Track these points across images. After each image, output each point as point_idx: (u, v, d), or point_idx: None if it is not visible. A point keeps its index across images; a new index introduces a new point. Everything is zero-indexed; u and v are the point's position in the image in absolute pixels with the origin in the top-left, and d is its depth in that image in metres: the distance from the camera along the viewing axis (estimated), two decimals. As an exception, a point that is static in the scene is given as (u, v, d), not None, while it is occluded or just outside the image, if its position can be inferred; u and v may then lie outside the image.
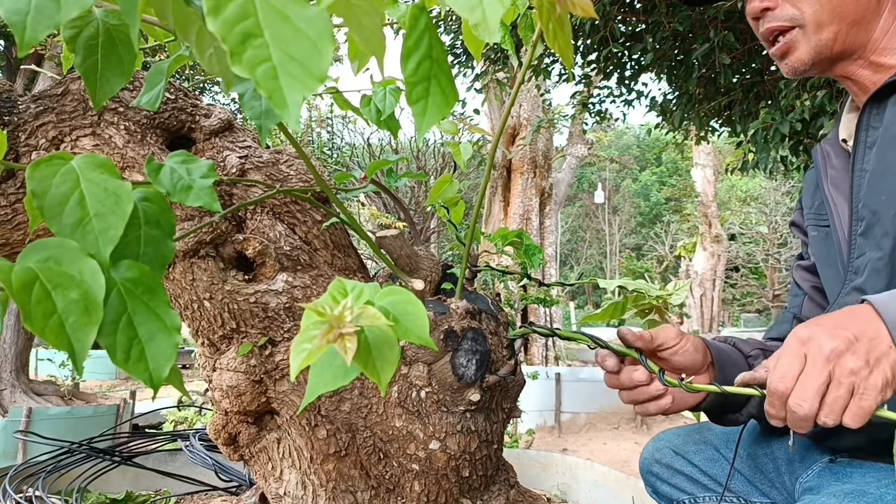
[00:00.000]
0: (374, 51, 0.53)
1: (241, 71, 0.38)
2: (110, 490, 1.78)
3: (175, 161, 0.73)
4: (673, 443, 1.17)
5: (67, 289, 0.45)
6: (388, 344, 0.50)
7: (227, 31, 0.38)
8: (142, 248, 0.58)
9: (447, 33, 4.44)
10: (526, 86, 7.19)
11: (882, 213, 0.88)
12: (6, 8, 0.44)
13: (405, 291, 0.56)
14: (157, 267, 0.58)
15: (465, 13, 0.48)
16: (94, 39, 0.60)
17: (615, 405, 5.86)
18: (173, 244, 0.61)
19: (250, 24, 0.39)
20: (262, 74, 0.39)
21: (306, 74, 0.40)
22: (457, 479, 1.10)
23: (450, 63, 3.72)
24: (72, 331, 0.45)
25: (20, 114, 1.13)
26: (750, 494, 1.07)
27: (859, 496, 0.70)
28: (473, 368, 1.06)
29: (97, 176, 0.52)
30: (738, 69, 3.72)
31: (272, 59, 0.39)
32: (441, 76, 0.59)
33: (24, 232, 1.13)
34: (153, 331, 0.51)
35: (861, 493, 0.70)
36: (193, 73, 5.04)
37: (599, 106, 4.88)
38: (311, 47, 0.40)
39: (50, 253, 0.47)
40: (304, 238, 1.21)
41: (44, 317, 0.44)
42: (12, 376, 4.53)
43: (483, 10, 0.48)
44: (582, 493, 1.90)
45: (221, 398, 1.14)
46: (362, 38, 0.51)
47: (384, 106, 1.17)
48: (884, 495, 0.69)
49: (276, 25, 0.39)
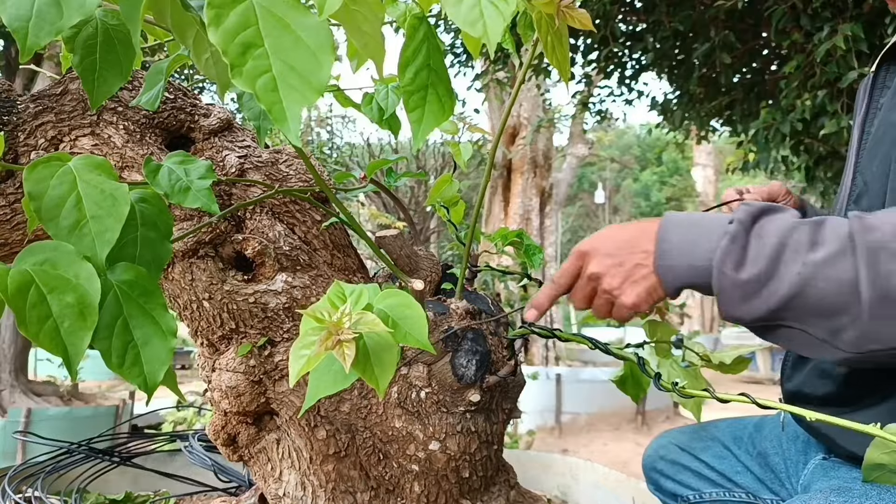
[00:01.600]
0: (373, 55, 0.53)
1: (241, 84, 0.38)
2: (110, 490, 1.78)
3: (173, 161, 0.73)
4: (679, 440, 1.17)
5: (63, 293, 0.45)
6: (386, 349, 0.50)
7: (228, 42, 0.38)
8: (138, 250, 0.58)
9: (447, 32, 4.44)
10: (526, 85, 7.19)
11: (871, 184, 0.87)
12: (9, 14, 0.44)
13: (404, 294, 0.56)
14: (153, 269, 0.58)
15: (467, 27, 0.49)
16: (93, 39, 0.60)
17: (616, 406, 5.86)
18: (170, 246, 0.60)
19: (251, 33, 0.39)
20: (262, 87, 0.39)
21: (306, 86, 0.39)
22: (457, 479, 1.10)
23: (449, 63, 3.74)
24: (66, 335, 0.44)
25: (19, 113, 1.12)
26: (759, 491, 1.07)
27: (845, 493, 0.71)
28: (473, 369, 1.06)
29: (94, 178, 0.52)
30: (738, 69, 3.72)
31: (272, 69, 0.39)
32: (439, 85, 0.59)
33: (23, 232, 1.13)
34: (149, 334, 0.51)
35: (846, 490, 0.71)
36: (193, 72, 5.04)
37: (600, 105, 4.88)
38: (310, 57, 0.40)
39: (46, 256, 0.46)
40: (304, 238, 1.21)
41: (38, 321, 0.44)
42: (11, 377, 4.53)
43: (485, 23, 0.49)
44: (582, 494, 1.90)
45: (220, 399, 1.13)
46: (362, 42, 0.51)
47: (386, 105, 1.16)
48: (868, 491, 0.69)
49: (277, 34, 0.39)
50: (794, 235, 0.72)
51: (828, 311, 0.69)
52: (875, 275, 0.66)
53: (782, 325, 0.73)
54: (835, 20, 2.91)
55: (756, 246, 0.73)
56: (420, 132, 0.58)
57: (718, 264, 0.73)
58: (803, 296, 0.69)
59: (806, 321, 0.71)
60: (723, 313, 0.77)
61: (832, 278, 0.68)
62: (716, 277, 0.74)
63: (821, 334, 0.70)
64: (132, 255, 0.58)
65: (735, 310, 0.74)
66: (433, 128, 0.59)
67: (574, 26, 0.68)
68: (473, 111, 6.82)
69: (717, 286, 0.74)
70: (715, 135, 4.64)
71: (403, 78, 0.58)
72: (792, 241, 0.72)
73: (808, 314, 0.70)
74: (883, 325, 0.67)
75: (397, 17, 1.03)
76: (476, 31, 0.49)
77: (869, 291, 0.66)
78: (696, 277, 0.76)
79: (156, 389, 0.51)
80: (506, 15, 0.49)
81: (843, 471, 0.88)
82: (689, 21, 3.37)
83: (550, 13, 0.66)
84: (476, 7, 0.49)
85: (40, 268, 0.46)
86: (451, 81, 0.62)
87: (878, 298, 0.66)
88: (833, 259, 0.69)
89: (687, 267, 0.77)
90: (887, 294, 0.66)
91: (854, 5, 2.92)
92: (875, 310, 0.66)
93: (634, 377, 1.14)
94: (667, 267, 0.78)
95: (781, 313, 0.71)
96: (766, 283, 0.71)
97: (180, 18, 0.54)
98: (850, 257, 0.68)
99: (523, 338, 1.15)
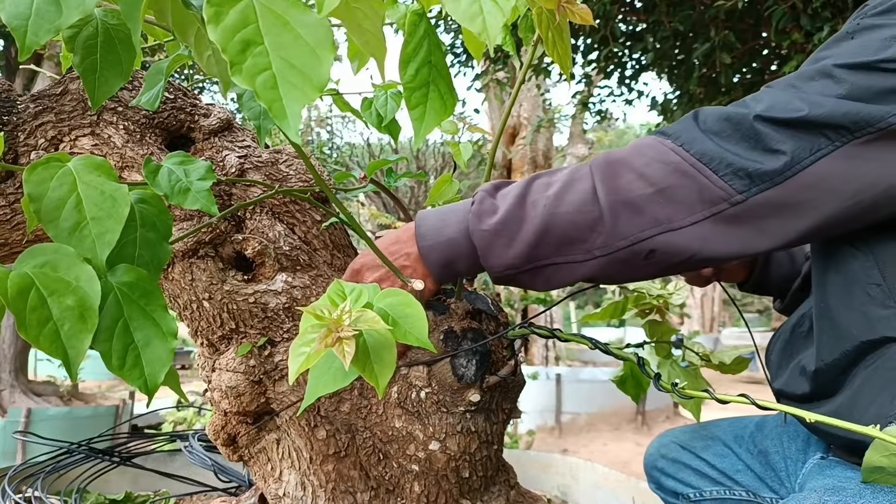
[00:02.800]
0: (375, 53, 0.52)
1: (241, 81, 0.38)
2: (110, 490, 1.78)
3: (173, 162, 0.73)
4: (680, 439, 1.18)
5: (63, 295, 0.45)
6: (386, 347, 0.50)
7: (228, 40, 0.38)
8: (137, 251, 0.58)
9: (447, 32, 4.44)
10: (526, 85, 7.19)
11: None
12: (7, 13, 0.44)
13: (404, 293, 0.56)
14: (153, 270, 0.58)
15: (466, 23, 0.49)
16: (93, 39, 0.60)
17: (616, 406, 5.86)
18: (170, 247, 0.60)
19: (251, 30, 0.39)
20: (262, 84, 0.38)
21: (306, 83, 0.39)
22: (457, 479, 1.10)
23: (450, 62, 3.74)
24: (66, 338, 0.44)
25: (19, 113, 1.12)
26: (759, 490, 1.07)
27: (839, 492, 0.71)
28: (473, 369, 1.06)
29: (94, 179, 0.52)
30: (738, 69, 3.72)
31: (272, 66, 0.39)
32: (440, 81, 0.59)
33: (23, 232, 1.13)
34: (149, 336, 0.51)
35: (840, 489, 0.71)
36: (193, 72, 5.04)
37: (600, 105, 4.87)
38: (310, 55, 0.40)
39: (46, 258, 0.46)
40: (304, 238, 1.21)
41: (39, 325, 0.44)
42: (11, 377, 4.53)
43: (484, 19, 0.48)
44: (582, 494, 1.90)
45: (220, 399, 1.13)
46: (362, 40, 0.50)
47: (385, 111, 1.17)
48: (862, 490, 0.70)
49: (277, 31, 0.39)
50: (534, 183, 0.81)
51: (581, 229, 0.77)
52: (612, 183, 0.76)
53: (548, 265, 0.80)
54: (835, 20, 2.92)
55: (502, 202, 0.80)
56: (422, 129, 0.58)
57: (472, 225, 0.81)
58: (554, 225, 0.77)
59: (565, 250, 0.78)
60: (492, 271, 0.83)
61: (574, 200, 0.77)
62: (475, 237, 0.81)
63: (581, 256, 0.78)
64: (131, 255, 0.58)
65: (499, 258, 0.81)
66: (435, 125, 0.59)
67: (575, 21, 0.68)
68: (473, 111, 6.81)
69: (479, 245, 0.81)
70: (715, 135, 4.63)
71: (405, 75, 0.58)
72: (533, 187, 0.80)
73: (564, 242, 0.78)
74: (622, 220, 0.75)
75: (397, 19, 1.04)
76: (475, 26, 0.49)
77: (606, 195, 0.75)
78: (456, 247, 0.83)
79: (156, 391, 0.51)
80: (505, 10, 0.49)
81: (839, 470, 0.88)
82: (689, 21, 3.37)
83: (551, 9, 0.66)
84: (476, 2, 0.49)
85: (40, 270, 0.46)
86: (451, 78, 0.62)
87: (615, 200, 0.75)
88: (571, 184, 0.78)
89: (446, 241, 0.83)
90: (619, 195, 0.75)
91: (854, 5, 2.92)
92: (614, 209, 0.75)
93: (634, 377, 1.14)
94: (427, 248, 0.85)
95: (541, 250, 0.79)
96: (521, 224, 0.78)
97: (181, 16, 0.54)
98: (588, 177, 0.78)
99: (523, 338, 1.15)
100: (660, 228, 0.74)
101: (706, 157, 0.73)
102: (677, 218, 0.73)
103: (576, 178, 0.79)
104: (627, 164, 0.76)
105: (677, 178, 0.73)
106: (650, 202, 0.74)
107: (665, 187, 0.73)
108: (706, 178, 0.72)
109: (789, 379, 0.93)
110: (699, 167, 0.72)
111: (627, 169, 0.76)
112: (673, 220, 0.74)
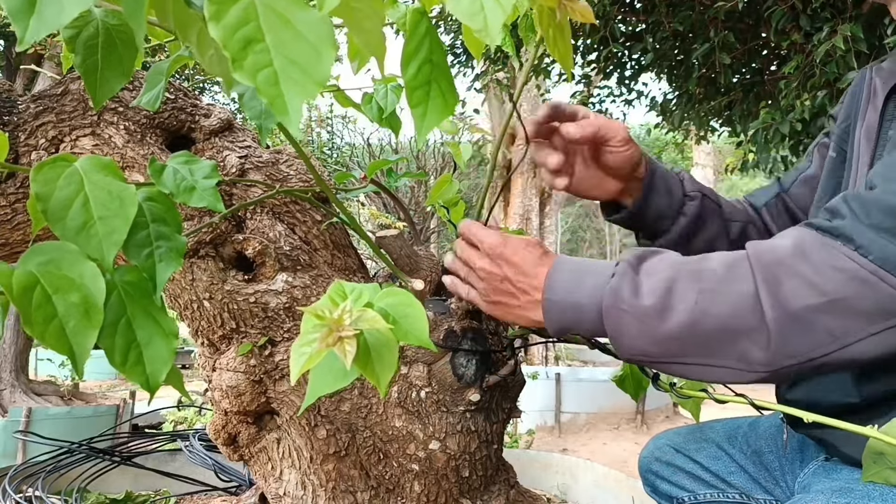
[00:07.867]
0: (375, 52, 0.53)
1: (242, 78, 0.38)
2: (110, 490, 1.78)
3: (178, 162, 0.73)
4: (674, 441, 1.17)
5: (68, 292, 0.45)
6: (387, 346, 0.50)
7: (229, 37, 0.39)
8: (153, 243, 0.58)
9: (447, 33, 4.44)
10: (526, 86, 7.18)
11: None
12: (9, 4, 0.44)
13: (405, 293, 0.56)
14: (174, 258, 0.59)
15: (466, 19, 0.49)
16: (94, 39, 0.60)
17: (615, 405, 5.86)
18: (184, 238, 0.61)
19: (251, 28, 0.39)
20: (263, 80, 0.39)
21: (307, 79, 0.40)
22: (457, 479, 1.10)
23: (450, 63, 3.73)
24: (72, 335, 0.45)
25: (20, 114, 1.13)
26: (753, 491, 1.07)
27: (847, 493, 0.71)
28: (473, 369, 1.06)
29: (101, 178, 0.52)
30: (738, 69, 3.73)
31: (273, 63, 0.39)
32: (441, 80, 0.59)
33: (23, 232, 1.13)
34: (151, 334, 0.51)
35: (848, 491, 0.71)
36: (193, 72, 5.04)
37: (600, 106, 4.88)
38: (311, 51, 0.40)
39: (50, 256, 0.47)
40: (304, 238, 1.21)
41: (44, 321, 0.44)
42: (12, 376, 4.53)
43: (485, 16, 0.48)
44: (582, 494, 1.90)
45: (221, 398, 1.13)
46: (363, 40, 0.51)
47: (385, 104, 1.17)
48: (870, 492, 0.70)
49: (278, 29, 0.40)
50: (683, 269, 0.72)
51: (729, 334, 0.68)
52: (776, 290, 0.66)
53: (687, 364, 0.72)
54: (834, 20, 2.92)
55: (646, 281, 0.72)
56: (424, 127, 0.58)
57: (608, 300, 0.73)
58: (703, 325, 0.69)
59: (709, 353, 0.70)
60: (620, 352, 0.76)
61: (731, 303, 0.68)
62: (609, 315, 0.73)
63: (728, 363, 0.70)
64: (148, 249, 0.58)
65: (632, 342, 0.73)
66: (437, 123, 0.59)
67: (575, 19, 0.68)
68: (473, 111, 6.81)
69: (610, 324, 0.73)
70: (714, 135, 4.65)
71: (406, 73, 0.58)
72: (683, 273, 0.71)
73: (710, 343, 0.70)
74: (792, 338, 0.67)
75: (397, 20, 1.04)
76: (476, 23, 0.49)
77: (772, 308, 0.66)
78: (582, 314, 0.76)
79: (158, 389, 0.51)
80: (506, 8, 0.49)
81: (846, 472, 0.88)
82: (689, 21, 3.37)
83: (552, 6, 0.66)
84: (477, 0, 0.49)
85: (45, 268, 0.46)
86: (452, 77, 0.62)
87: (782, 314, 0.66)
88: (729, 282, 0.69)
89: (573, 304, 0.76)
90: (787, 308, 0.66)
91: (853, 6, 2.93)
92: (781, 324, 0.66)
93: (634, 376, 1.14)
94: (552, 303, 0.78)
95: (683, 347, 0.71)
96: (665, 315, 0.70)
97: (183, 16, 0.54)
98: (749, 279, 0.68)
99: (523, 337, 1.15)
100: (835, 345, 0.67)
101: (889, 263, 0.65)
102: (853, 330, 0.66)
103: (735, 277, 0.70)
104: (791, 269, 0.68)
105: (855, 287, 0.65)
106: (821, 313, 0.66)
107: (839, 298, 0.66)
108: (889, 286, 0.65)
109: (815, 387, 0.89)
110: (881, 275, 0.65)
111: (791, 274, 0.67)
112: (849, 334, 0.66)
